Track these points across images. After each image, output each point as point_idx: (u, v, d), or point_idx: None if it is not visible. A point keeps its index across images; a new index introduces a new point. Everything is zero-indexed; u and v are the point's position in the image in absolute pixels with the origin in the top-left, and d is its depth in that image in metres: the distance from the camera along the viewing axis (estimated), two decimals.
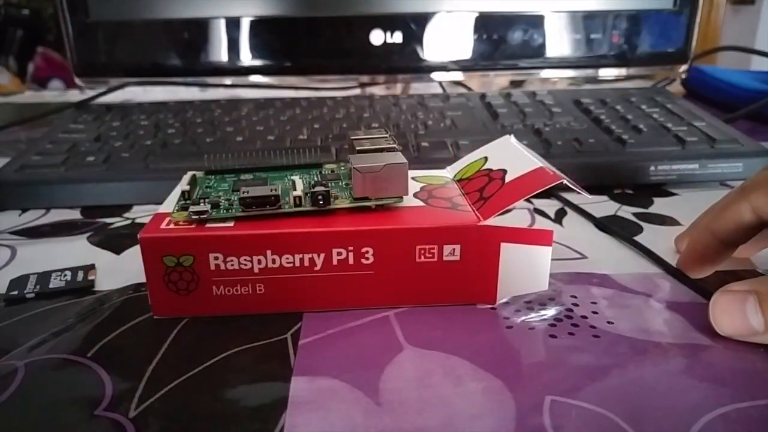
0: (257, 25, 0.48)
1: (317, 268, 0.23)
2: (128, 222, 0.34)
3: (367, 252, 0.23)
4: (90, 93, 0.53)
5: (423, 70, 0.50)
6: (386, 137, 0.25)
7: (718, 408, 0.18)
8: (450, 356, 0.21)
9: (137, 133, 0.41)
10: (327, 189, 0.23)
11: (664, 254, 0.27)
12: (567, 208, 0.35)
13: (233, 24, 0.48)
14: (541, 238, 0.23)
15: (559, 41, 0.49)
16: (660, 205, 0.35)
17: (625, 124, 0.41)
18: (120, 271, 0.27)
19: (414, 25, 0.48)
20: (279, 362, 0.21)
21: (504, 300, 0.24)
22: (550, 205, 0.35)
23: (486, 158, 0.27)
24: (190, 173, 0.27)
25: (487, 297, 0.24)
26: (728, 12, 1.52)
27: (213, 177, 0.27)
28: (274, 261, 0.23)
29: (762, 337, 0.20)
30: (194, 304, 0.23)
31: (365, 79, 0.59)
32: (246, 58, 0.49)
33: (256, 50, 0.49)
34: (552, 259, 0.24)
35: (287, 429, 0.18)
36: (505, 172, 0.25)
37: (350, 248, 0.23)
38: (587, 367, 0.20)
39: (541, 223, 0.33)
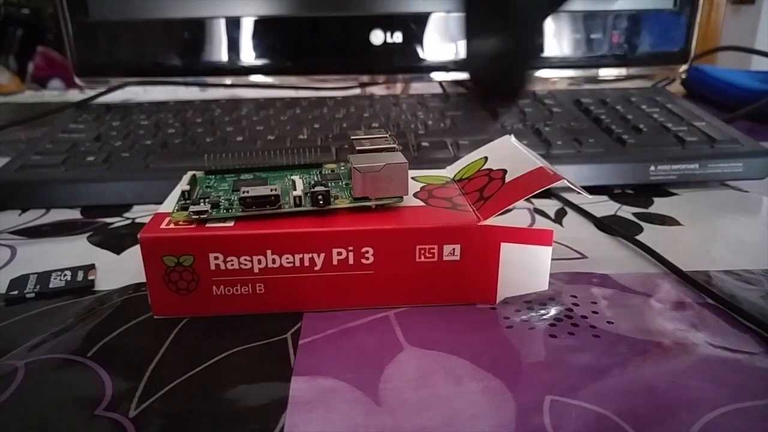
0: (257, 24, 0.48)
1: (317, 268, 0.23)
2: (128, 222, 0.34)
3: (367, 252, 0.23)
4: (90, 93, 0.54)
5: (423, 70, 0.50)
6: (386, 137, 0.25)
7: (719, 408, 0.18)
8: (450, 356, 0.21)
9: (137, 132, 0.41)
10: (327, 189, 0.23)
11: (664, 254, 0.27)
12: (567, 208, 0.35)
13: (233, 24, 0.48)
14: (541, 237, 0.23)
15: (559, 41, 0.49)
16: (660, 205, 0.35)
17: (625, 124, 0.41)
18: (120, 270, 0.27)
19: (414, 25, 0.48)
20: (279, 362, 0.21)
21: (504, 300, 0.24)
22: (550, 205, 0.35)
23: (486, 158, 0.27)
24: (190, 173, 0.27)
25: (487, 297, 0.24)
26: (728, 12, 1.52)
27: (213, 177, 0.27)
28: (274, 261, 0.23)
29: None
30: (194, 304, 0.23)
31: (365, 79, 0.59)
32: (246, 57, 0.49)
33: (256, 50, 0.49)
34: (552, 259, 0.24)
35: (287, 429, 0.18)
36: (505, 172, 0.25)
37: (350, 248, 0.23)
38: (587, 366, 0.20)
39: (541, 223, 0.33)
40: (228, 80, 0.51)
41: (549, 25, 0.49)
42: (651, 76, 0.59)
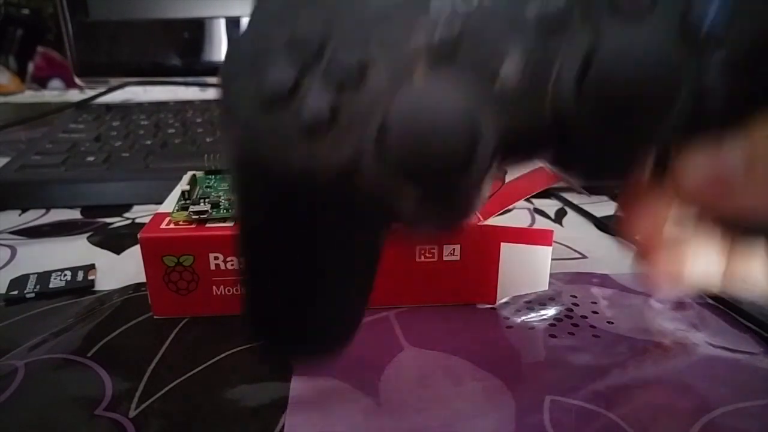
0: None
1: None
2: (128, 222, 0.33)
3: None
4: (90, 93, 0.54)
5: None
6: None
7: (719, 408, 0.18)
8: (450, 356, 0.21)
9: (137, 132, 0.41)
10: None
11: None
12: (567, 208, 0.35)
13: (233, 23, 0.48)
14: (542, 237, 0.23)
15: None
16: None
17: None
18: (120, 270, 0.27)
19: None
20: (279, 362, 0.21)
21: (504, 300, 0.24)
22: (550, 205, 0.35)
23: None
24: (190, 173, 0.27)
25: (487, 297, 0.24)
26: None
27: (213, 177, 0.27)
28: None
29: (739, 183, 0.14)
30: (194, 304, 0.23)
31: None
32: None
33: None
34: (552, 259, 0.23)
35: (287, 429, 0.18)
36: (505, 171, 0.25)
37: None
38: (587, 366, 0.20)
39: (541, 223, 0.33)
40: None
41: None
42: None
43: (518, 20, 0.13)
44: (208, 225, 0.23)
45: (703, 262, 0.17)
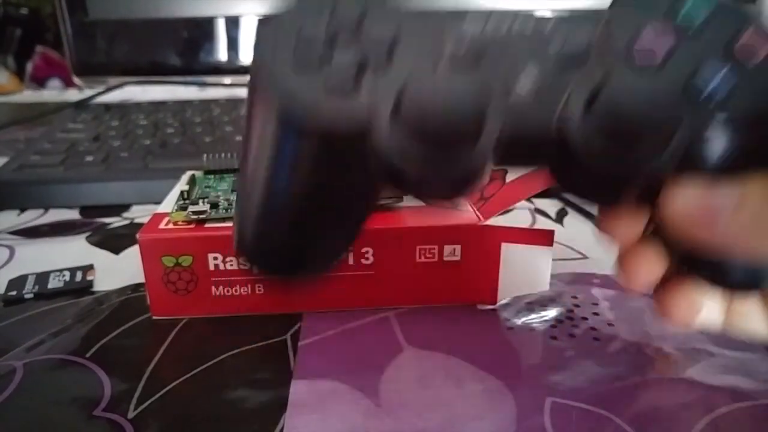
0: (256, 23, 0.48)
1: None
2: (127, 222, 0.33)
3: (367, 252, 0.23)
4: (89, 92, 0.53)
5: None
6: None
7: (719, 408, 0.18)
8: (450, 357, 0.21)
9: (136, 132, 0.41)
10: None
11: None
12: (568, 208, 0.35)
13: (232, 23, 0.48)
14: (542, 238, 0.23)
15: None
16: None
17: None
18: (119, 271, 0.27)
19: None
20: (278, 363, 0.21)
21: (505, 301, 0.24)
22: (551, 205, 0.35)
23: None
24: (189, 173, 0.27)
25: (487, 297, 0.24)
26: None
27: (212, 177, 0.27)
28: None
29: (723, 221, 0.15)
30: (193, 305, 0.23)
31: None
32: (245, 56, 0.49)
33: None
34: (553, 260, 0.23)
35: (287, 430, 0.18)
36: (506, 171, 0.24)
37: (350, 248, 0.22)
38: (588, 368, 0.20)
39: (542, 223, 0.33)
40: (227, 80, 0.51)
41: None
42: None
43: (540, 52, 0.15)
44: (207, 225, 0.23)
45: (702, 308, 0.18)
